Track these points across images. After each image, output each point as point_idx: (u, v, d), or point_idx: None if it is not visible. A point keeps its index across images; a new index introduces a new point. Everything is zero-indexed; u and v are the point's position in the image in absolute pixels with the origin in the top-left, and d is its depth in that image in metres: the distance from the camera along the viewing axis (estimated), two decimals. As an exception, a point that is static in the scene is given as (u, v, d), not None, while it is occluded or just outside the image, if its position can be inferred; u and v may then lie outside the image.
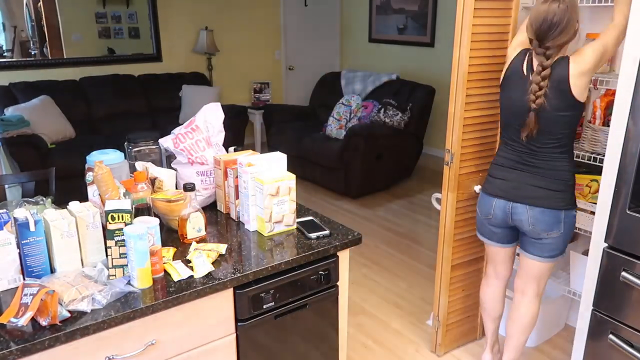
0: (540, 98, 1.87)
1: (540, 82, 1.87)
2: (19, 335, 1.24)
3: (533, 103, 1.89)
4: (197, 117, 1.97)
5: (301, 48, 6.74)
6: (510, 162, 2.05)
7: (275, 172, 1.79)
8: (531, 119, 1.91)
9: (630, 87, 1.69)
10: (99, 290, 1.37)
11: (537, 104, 1.88)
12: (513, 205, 2.04)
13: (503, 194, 2.06)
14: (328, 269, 1.73)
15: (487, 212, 2.13)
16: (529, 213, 2.01)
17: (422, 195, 4.88)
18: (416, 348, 2.70)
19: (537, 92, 1.87)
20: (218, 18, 6.01)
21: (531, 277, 2.15)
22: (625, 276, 1.75)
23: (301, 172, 5.04)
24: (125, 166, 1.86)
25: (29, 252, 1.42)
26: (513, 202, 2.03)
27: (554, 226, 2.00)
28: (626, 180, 1.73)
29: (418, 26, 5.97)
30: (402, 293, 3.22)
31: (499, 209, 2.08)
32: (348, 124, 4.88)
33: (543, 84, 1.87)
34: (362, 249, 3.77)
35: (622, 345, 1.79)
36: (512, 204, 2.04)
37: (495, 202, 2.08)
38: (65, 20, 5.11)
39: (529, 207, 2.00)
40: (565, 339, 2.72)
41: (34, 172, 2.48)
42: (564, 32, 1.82)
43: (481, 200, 2.16)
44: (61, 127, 4.64)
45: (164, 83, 5.48)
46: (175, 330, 1.47)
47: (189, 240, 1.71)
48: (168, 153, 1.99)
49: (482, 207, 2.15)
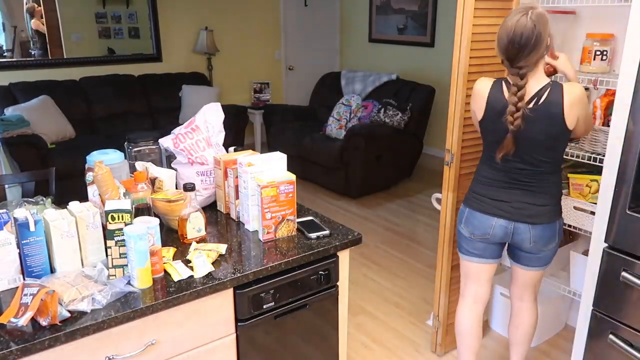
0: (518, 120, 1.79)
1: (518, 103, 1.78)
2: (19, 335, 1.24)
3: (511, 125, 1.80)
4: (197, 117, 1.97)
5: (301, 48, 6.74)
6: (498, 182, 1.97)
7: (275, 172, 1.79)
8: (508, 141, 1.83)
9: (630, 87, 1.69)
10: (99, 290, 1.37)
11: (515, 126, 1.80)
12: (515, 225, 1.96)
13: (504, 214, 1.96)
14: (328, 269, 1.73)
15: (484, 232, 2.01)
16: (531, 232, 1.97)
17: (422, 195, 4.87)
18: (416, 348, 2.70)
19: (515, 114, 1.79)
20: (218, 18, 6.01)
21: (529, 285, 2.15)
22: (625, 276, 1.75)
23: (301, 172, 5.04)
24: (125, 166, 1.86)
25: (29, 252, 1.42)
26: (515, 222, 1.96)
27: (552, 239, 2.00)
28: (626, 180, 1.73)
29: (418, 26, 5.97)
30: (402, 293, 3.22)
31: (500, 229, 1.99)
32: (348, 124, 4.88)
33: (521, 104, 1.78)
34: (362, 249, 3.77)
35: (622, 345, 1.79)
36: (515, 224, 1.96)
37: (496, 221, 1.98)
38: (65, 20, 5.11)
39: (532, 226, 1.96)
40: (565, 339, 2.72)
41: (34, 172, 2.48)
42: (534, 50, 1.75)
43: (473, 219, 2.02)
44: (61, 127, 4.64)
45: (164, 83, 5.48)
46: (175, 330, 1.47)
47: (189, 240, 1.71)
48: (168, 153, 2.00)
49: (477, 227, 2.02)
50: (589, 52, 2.23)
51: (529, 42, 1.73)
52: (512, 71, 1.80)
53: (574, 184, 2.30)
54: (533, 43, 1.73)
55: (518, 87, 1.79)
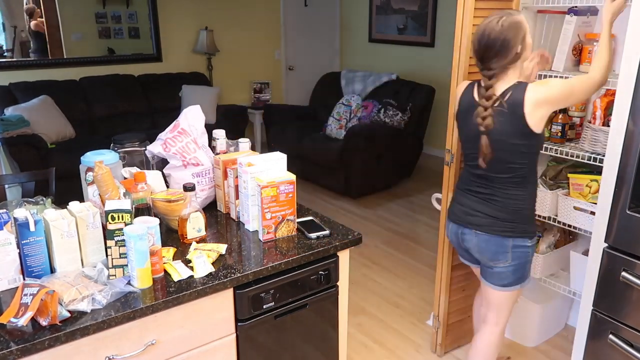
0: (487, 119, 1.80)
1: (485, 102, 1.80)
2: (19, 335, 1.24)
3: (481, 126, 1.82)
4: (181, 121, 1.96)
5: (301, 48, 6.74)
6: (464, 187, 2.01)
7: (275, 172, 1.79)
8: (484, 142, 1.83)
9: (630, 87, 1.69)
10: (99, 290, 1.37)
11: (485, 127, 1.81)
12: (463, 230, 2.00)
13: (455, 218, 2.03)
14: (328, 269, 1.73)
15: (449, 235, 2.12)
16: (475, 239, 1.96)
17: (422, 195, 4.87)
18: (416, 348, 2.70)
19: (483, 113, 1.80)
20: (218, 18, 6.01)
21: (489, 304, 2.08)
22: (625, 276, 1.75)
23: (301, 172, 5.04)
24: (120, 167, 1.86)
25: (29, 252, 1.42)
26: (463, 227, 2.00)
27: (500, 255, 1.93)
28: (626, 180, 1.73)
29: (418, 26, 5.97)
30: (402, 293, 3.22)
31: (453, 233, 2.07)
32: (348, 124, 4.88)
33: (487, 104, 1.80)
34: (362, 249, 3.77)
35: (622, 345, 1.79)
36: (462, 229, 2.00)
37: (451, 226, 2.06)
38: (65, 20, 5.11)
39: (476, 233, 1.95)
40: (565, 339, 2.72)
41: (34, 172, 2.48)
42: (500, 53, 1.76)
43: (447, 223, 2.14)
44: (61, 127, 4.64)
45: (164, 83, 5.48)
46: (175, 330, 1.47)
47: (189, 240, 1.71)
48: (156, 160, 1.99)
49: (448, 231, 2.13)
50: (589, 52, 2.23)
51: (495, 45, 1.76)
52: (482, 73, 1.84)
53: (574, 184, 2.30)
54: (499, 46, 1.76)
55: (486, 87, 1.82)
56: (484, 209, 1.93)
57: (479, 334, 2.15)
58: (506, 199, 1.89)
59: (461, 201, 2.02)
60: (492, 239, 1.92)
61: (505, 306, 2.05)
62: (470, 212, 1.97)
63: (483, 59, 1.81)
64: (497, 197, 1.90)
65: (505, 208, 1.90)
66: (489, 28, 1.78)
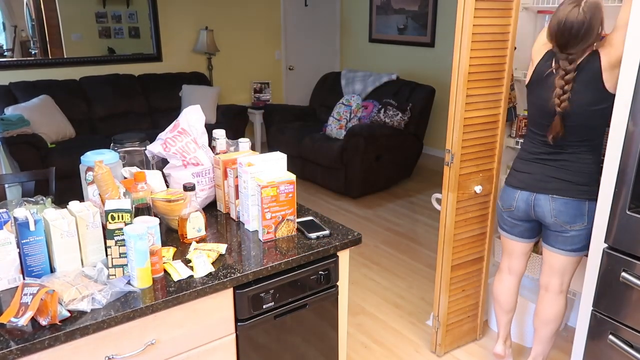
0: (565, 102, 1.88)
1: (565, 86, 1.88)
2: (18, 334, 1.24)
3: (558, 107, 1.90)
4: (181, 121, 1.96)
5: (301, 48, 6.74)
6: (534, 156, 2.07)
7: (275, 172, 1.79)
8: (557, 122, 1.92)
9: (630, 87, 1.69)
10: (99, 290, 1.37)
11: (562, 108, 1.89)
12: (536, 196, 2.04)
13: (526, 186, 2.07)
14: (328, 269, 1.73)
15: (509, 204, 2.14)
16: (551, 204, 2.01)
17: (422, 195, 4.88)
18: (416, 348, 2.70)
19: (562, 96, 1.88)
20: (218, 18, 6.01)
21: (555, 272, 2.14)
22: (625, 277, 1.75)
23: (301, 172, 5.05)
24: (119, 166, 1.86)
25: (28, 251, 1.42)
26: (536, 193, 2.04)
27: (578, 218, 2.00)
28: (626, 180, 1.73)
29: (418, 26, 5.97)
30: (402, 293, 3.22)
31: (522, 201, 2.09)
32: (348, 124, 4.88)
33: (567, 88, 1.87)
34: (362, 249, 3.77)
35: (621, 345, 1.79)
36: (536, 195, 2.04)
37: (519, 194, 2.09)
38: (66, 20, 5.11)
39: (552, 198, 2.00)
40: (565, 339, 2.72)
41: (34, 172, 2.48)
42: (584, 39, 1.82)
43: (503, 192, 2.18)
44: (61, 127, 4.64)
45: (164, 83, 5.48)
46: (175, 330, 1.47)
47: (189, 240, 1.71)
48: (156, 159, 1.99)
49: (505, 200, 2.16)
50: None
51: (579, 33, 1.80)
52: (562, 56, 1.87)
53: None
54: (583, 33, 1.80)
55: (566, 72, 1.87)
56: (560, 175, 1.99)
57: (543, 303, 2.20)
58: (581, 163, 1.97)
59: (531, 169, 2.06)
60: (570, 202, 1.99)
61: (570, 272, 2.14)
62: (545, 178, 2.02)
63: (566, 46, 1.84)
64: (571, 162, 1.97)
65: (580, 172, 1.97)
66: (571, 16, 1.80)
